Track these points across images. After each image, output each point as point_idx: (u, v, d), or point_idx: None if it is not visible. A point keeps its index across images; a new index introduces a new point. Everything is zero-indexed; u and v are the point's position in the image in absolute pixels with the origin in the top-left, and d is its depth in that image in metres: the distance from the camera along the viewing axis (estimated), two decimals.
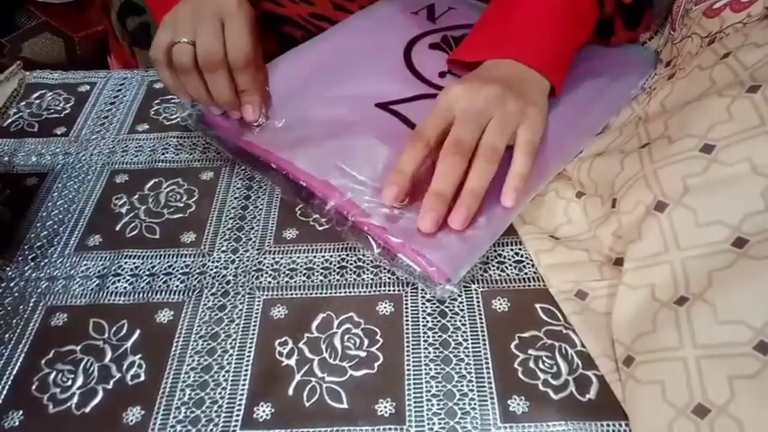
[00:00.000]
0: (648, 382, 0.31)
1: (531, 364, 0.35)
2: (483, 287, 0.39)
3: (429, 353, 0.36)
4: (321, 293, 0.39)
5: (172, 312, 0.39)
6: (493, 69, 0.45)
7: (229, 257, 0.42)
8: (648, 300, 0.34)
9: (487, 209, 0.40)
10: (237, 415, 0.34)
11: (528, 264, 0.40)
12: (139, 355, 0.36)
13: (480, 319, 0.37)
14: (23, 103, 0.55)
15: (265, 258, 0.42)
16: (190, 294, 0.40)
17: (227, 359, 0.36)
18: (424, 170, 0.40)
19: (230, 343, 0.37)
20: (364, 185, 0.41)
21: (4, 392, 0.35)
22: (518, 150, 0.40)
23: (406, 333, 0.37)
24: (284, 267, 0.41)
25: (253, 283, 0.40)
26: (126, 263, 0.42)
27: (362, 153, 0.44)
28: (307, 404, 0.34)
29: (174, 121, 0.53)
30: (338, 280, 0.40)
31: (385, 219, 0.40)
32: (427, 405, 0.34)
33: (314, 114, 0.47)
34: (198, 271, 0.41)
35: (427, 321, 0.37)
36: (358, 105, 0.47)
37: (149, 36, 0.60)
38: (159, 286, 0.40)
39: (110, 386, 0.35)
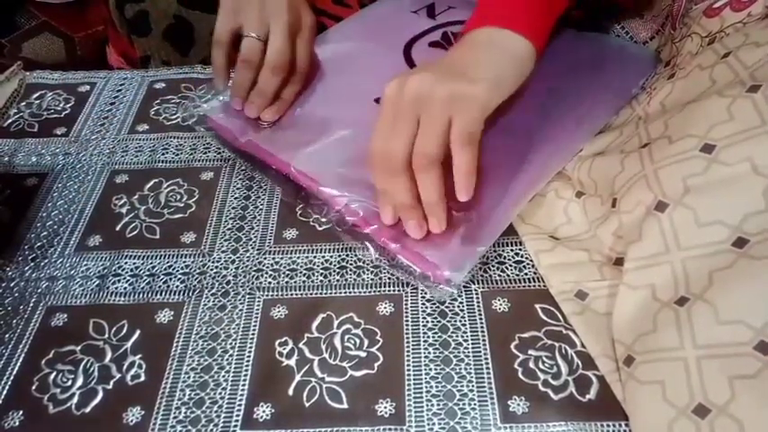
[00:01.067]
0: (649, 382, 0.31)
1: (531, 365, 0.35)
2: (483, 287, 0.39)
3: (429, 353, 0.36)
4: (321, 293, 0.39)
5: (172, 312, 0.39)
6: (463, 45, 0.41)
7: (229, 257, 0.42)
8: (649, 300, 0.34)
9: (486, 210, 0.40)
10: (237, 415, 0.34)
11: (528, 264, 0.40)
12: (139, 356, 0.36)
13: (480, 319, 0.37)
14: (23, 104, 0.55)
15: (265, 258, 0.42)
16: (190, 294, 0.40)
17: (228, 359, 0.36)
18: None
19: (230, 343, 0.37)
20: (363, 187, 0.41)
21: (4, 392, 0.35)
22: (453, 146, 0.36)
23: (406, 333, 0.37)
24: (284, 267, 0.41)
25: (253, 283, 0.40)
26: (126, 263, 0.42)
27: (362, 153, 0.44)
28: (307, 404, 0.34)
29: (174, 121, 0.53)
30: (338, 280, 0.40)
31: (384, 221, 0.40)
32: (427, 405, 0.34)
33: (314, 113, 0.47)
34: (198, 271, 0.41)
35: (427, 321, 0.37)
36: (358, 104, 0.47)
37: (148, 24, 0.59)
38: (159, 286, 0.40)
39: (110, 386, 0.35)
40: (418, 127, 0.36)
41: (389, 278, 0.40)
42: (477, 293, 0.39)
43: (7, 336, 0.38)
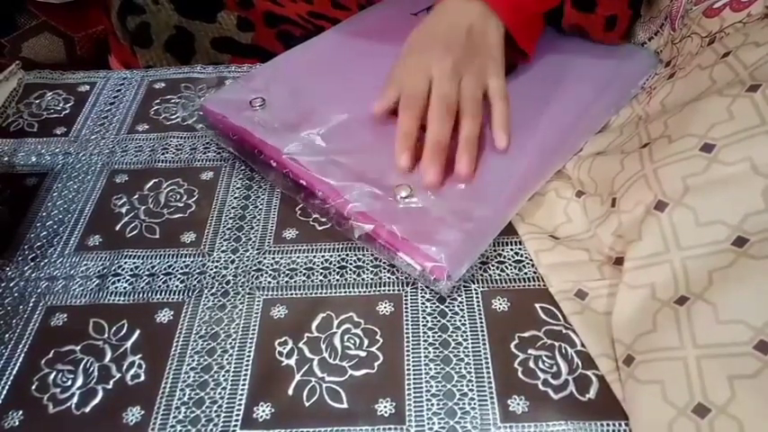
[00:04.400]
0: (648, 382, 0.31)
1: (531, 364, 0.35)
2: (483, 287, 0.39)
3: (429, 353, 0.36)
4: (321, 293, 0.39)
5: (172, 312, 0.39)
6: (449, 12, 0.47)
7: (229, 257, 0.42)
8: (649, 299, 0.34)
9: (487, 205, 0.40)
10: (237, 415, 0.34)
11: (528, 263, 0.40)
12: (139, 355, 0.36)
13: (480, 318, 0.37)
14: (23, 103, 0.55)
15: (265, 258, 0.42)
16: (190, 294, 0.40)
17: (227, 359, 0.36)
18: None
19: (230, 343, 0.37)
20: (363, 180, 0.41)
21: (4, 392, 0.35)
22: (492, 99, 0.45)
23: (406, 333, 0.37)
24: (284, 267, 0.41)
25: (253, 283, 0.40)
26: (126, 263, 0.42)
27: (362, 148, 0.44)
28: (307, 404, 0.34)
29: (174, 121, 0.53)
30: (338, 280, 0.40)
31: (384, 215, 0.40)
32: (427, 405, 0.34)
33: (314, 112, 0.47)
34: (198, 271, 0.41)
35: (427, 321, 0.37)
36: (358, 104, 0.47)
37: (149, 35, 0.60)
38: (159, 286, 0.40)
39: (110, 386, 0.35)
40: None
41: (389, 278, 0.40)
42: (476, 293, 0.39)
43: (7, 336, 0.38)
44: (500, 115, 0.44)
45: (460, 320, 0.37)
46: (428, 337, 0.37)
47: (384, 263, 0.41)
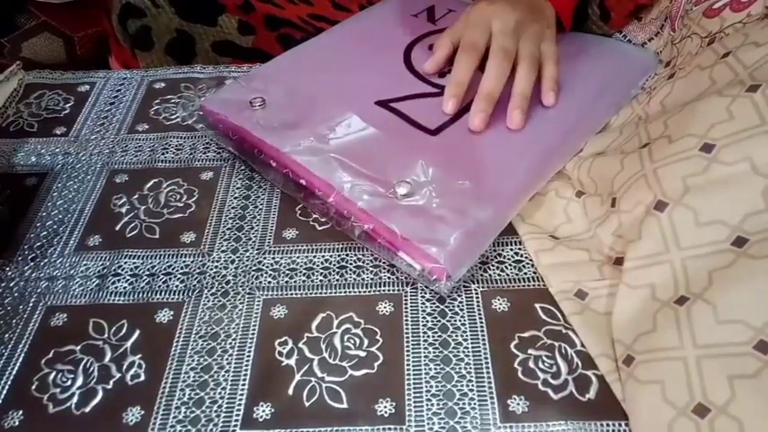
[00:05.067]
0: (648, 382, 0.31)
1: (531, 364, 0.35)
2: (483, 287, 0.39)
3: (429, 353, 0.36)
4: (321, 293, 0.39)
5: (172, 312, 0.39)
6: None
7: (229, 257, 0.42)
8: (648, 299, 0.34)
9: (488, 205, 0.40)
10: (237, 415, 0.34)
11: (528, 263, 0.40)
12: (139, 355, 0.36)
13: (480, 318, 0.37)
14: (23, 103, 0.55)
15: (265, 258, 0.42)
16: (190, 294, 0.40)
17: (227, 359, 0.36)
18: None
19: (230, 343, 0.37)
20: (362, 177, 0.41)
21: (4, 392, 0.35)
22: (546, 60, 0.47)
23: (406, 333, 0.37)
24: (284, 267, 0.41)
25: (253, 283, 0.40)
26: (126, 263, 0.42)
27: (362, 147, 0.44)
28: (306, 404, 0.34)
29: (174, 121, 0.53)
30: (338, 280, 0.40)
31: (384, 213, 0.40)
32: (427, 405, 0.34)
33: (314, 112, 0.47)
34: (198, 271, 0.41)
35: (427, 321, 0.37)
36: (357, 104, 0.47)
37: (150, 39, 0.60)
38: (159, 286, 0.40)
39: (110, 386, 0.35)
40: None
41: (389, 278, 0.40)
42: (476, 293, 0.39)
43: (7, 336, 0.38)
44: (551, 75, 0.46)
45: (460, 320, 0.37)
46: (428, 337, 0.37)
47: (384, 263, 0.41)
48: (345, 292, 0.39)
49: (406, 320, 0.37)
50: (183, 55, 0.61)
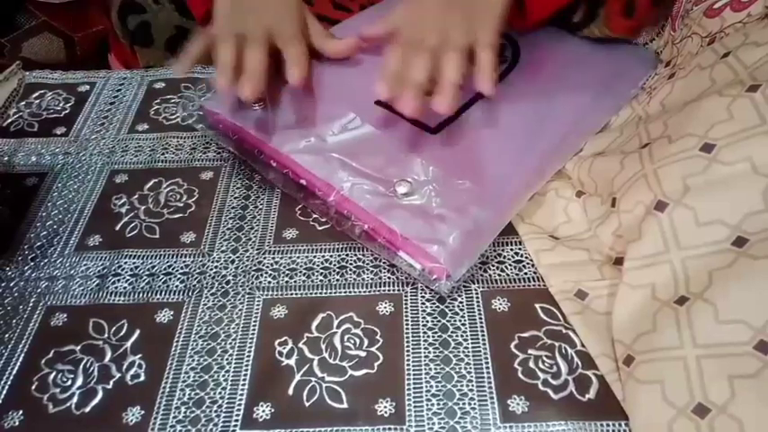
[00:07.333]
0: (648, 382, 0.31)
1: (531, 364, 0.35)
2: (483, 287, 0.39)
3: (429, 353, 0.36)
4: (321, 293, 0.39)
5: (172, 312, 0.39)
6: None
7: (229, 257, 0.42)
8: (649, 299, 0.34)
9: (488, 205, 0.40)
10: (237, 415, 0.34)
11: (528, 263, 0.40)
12: (139, 355, 0.36)
13: (480, 318, 0.37)
14: (23, 103, 0.55)
15: (265, 258, 0.42)
16: (190, 294, 0.40)
17: (227, 359, 0.36)
18: None
19: (230, 343, 0.37)
20: (363, 176, 0.41)
21: (4, 392, 0.35)
22: (478, 48, 0.42)
23: (406, 333, 0.37)
24: (284, 267, 0.41)
25: (253, 283, 0.40)
26: (126, 263, 0.42)
27: (361, 146, 0.44)
28: (307, 404, 0.34)
29: (173, 121, 0.53)
30: (338, 280, 0.40)
31: (384, 211, 0.40)
32: (427, 405, 0.34)
33: (314, 112, 0.47)
34: (198, 271, 0.41)
35: (427, 321, 0.37)
36: (357, 103, 0.47)
37: (150, 35, 0.60)
38: (159, 286, 0.40)
39: (110, 386, 0.35)
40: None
41: (389, 278, 0.40)
42: (476, 293, 0.39)
43: (7, 335, 0.38)
44: (482, 66, 0.43)
45: (460, 320, 0.37)
46: (428, 337, 0.37)
47: (384, 263, 0.41)
48: (345, 292, 0.39)
49: (407, 320, 0.37)
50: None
